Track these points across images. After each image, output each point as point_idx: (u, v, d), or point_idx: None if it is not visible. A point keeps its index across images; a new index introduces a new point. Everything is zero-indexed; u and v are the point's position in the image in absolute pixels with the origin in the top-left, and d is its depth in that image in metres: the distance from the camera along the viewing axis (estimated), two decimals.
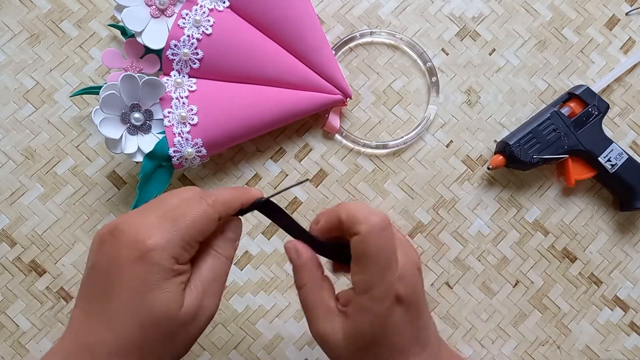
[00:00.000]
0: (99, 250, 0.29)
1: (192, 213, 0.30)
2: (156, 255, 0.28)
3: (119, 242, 0.28)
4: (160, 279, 0.28)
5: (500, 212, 0.51)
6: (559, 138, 0.48)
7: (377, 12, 0.52)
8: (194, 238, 0.30)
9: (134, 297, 0.28)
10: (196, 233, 0.30)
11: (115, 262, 0.28)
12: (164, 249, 0.28)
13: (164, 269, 0.28)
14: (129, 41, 0.47)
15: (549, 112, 0.49)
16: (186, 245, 0.29)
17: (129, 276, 0.28)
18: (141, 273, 0.28)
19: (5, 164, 0.49)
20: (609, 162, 0.49)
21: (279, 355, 0.49)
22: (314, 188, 0.50)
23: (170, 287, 0.28)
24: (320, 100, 0.48)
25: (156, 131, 0.46)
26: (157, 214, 0.30)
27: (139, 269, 0.28)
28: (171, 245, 0.28)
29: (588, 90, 0.49)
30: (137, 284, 0.28)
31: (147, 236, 0.28)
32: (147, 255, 0.28)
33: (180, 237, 0.29)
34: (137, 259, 0.28)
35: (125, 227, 0.29)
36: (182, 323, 0.29)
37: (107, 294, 0.28)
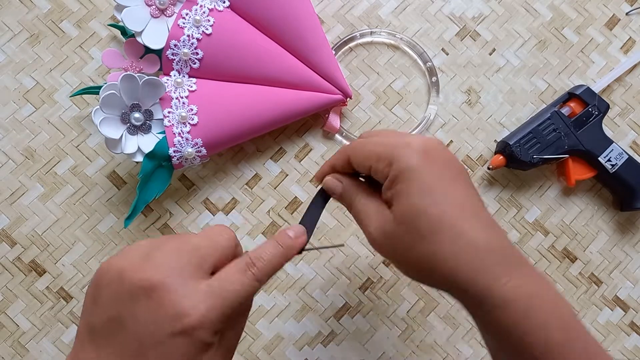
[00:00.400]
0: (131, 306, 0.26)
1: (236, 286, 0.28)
2: (201, 333, 0.26)
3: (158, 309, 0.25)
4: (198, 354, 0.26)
5: (500, 212, 0.51)
6: (559, 138, 0.48)
7: (377, 12, 0.52)
8: (238, 312, 0.28)
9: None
10: (239, 307, 0.28)
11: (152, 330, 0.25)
12: (209, 326, 0.26)
13: (206, 344, 0.26)
14: (129, 41, 0.47)
15: (549, 112, 0.49)
16: (228, 320, 0.27)
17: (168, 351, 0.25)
18: (181, 349, 0.25)
19: (5, 164, 0.49)
20: (609, 162, 0.49)
21: (279, 355, 0.49)
22: (314, 188, 0.50)
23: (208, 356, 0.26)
24: (320, 100, 0.48)
25: (156, 131, 0.46)
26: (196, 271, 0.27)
27: (180, 344, 0.25)
28: (217, 321, 0.26)
29: (588, 90, 0.49)
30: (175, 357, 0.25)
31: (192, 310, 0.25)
32: (190, 331, 0.25)
33: (225, 313, 0.27)
34: (179, 334, 0.25)
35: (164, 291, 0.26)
36: None
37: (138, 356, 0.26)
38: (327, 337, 0.49)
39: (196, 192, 0.50)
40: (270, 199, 0.50)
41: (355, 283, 0.50)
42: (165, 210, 0.50)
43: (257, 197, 0.50)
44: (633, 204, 0.49)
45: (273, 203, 0.50)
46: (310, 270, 0.50)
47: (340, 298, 0.50)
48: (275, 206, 0.50)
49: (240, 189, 0.50)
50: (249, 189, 0.50)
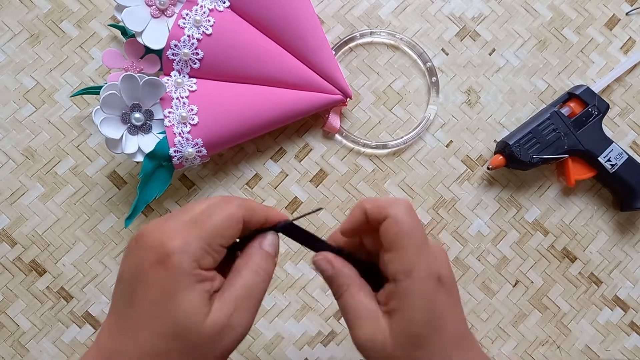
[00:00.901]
0: (125, 259, 0.28)
1: (216, 213, 0.28)
2: (176, 258, 0.26)
3: (142, 247, 0.27)
4: (182, 284, 0.26)
5: (500, 212, 0.51)
6: (558, 138, 0.48)
7: (377, 12, 0.52)
8: (217, 241, 0.28)
9: (155, 304, 0.27)
10: (219, 236, 0.28)
11: (138, 268, 0.27)
12: (183, 250, 0.26)
13: (185, 273, 0.26)
14: (129, 41, 0.47)
15: (548, 112, 0.49)
16: (208, 247, 0.27)
17: (150, 282, 0.27)
18: (162, 279, 0.26)
19: (6, 164, 0.49)
20: (609, 162, 0.49)
21: (279, 355, 0.49)
22: (314, 188, 0.50)
23: (193, 295, 0.26)
24: (320, 100, 0.48)
25: (156, 131, 0.46)
26: (182, 219, 0.28)
27: (160, 274, 0.26)
28: (192, 247, 0.27)
29: (588, 90, 0.49)
30: (158, 291, 0.26)
31: (168, 239, 0.27)
32: (167, 259, 0.26)
33: (201, 238, 0.27)
34: (158, 263, 0.26)
35: (148, 232, 0.28)
36: (207, 336, 0.27)
37: (130, 303, 0.27)
38: (327, 337, 0.49)
39: (197, 192, 0.50)
40: (270, 199, 0.50)
41: None
42: (165, 210, 0.50)
43: (257, 197, 0.50)
44: (633, 204, 0.49)
45: (273, 203, 0.50)
46: (310, 270, 0.50)
47: None
48: (275, 206, 0.50)
49: (241, 189, 0.50)
50: (249, 189, 0.50)
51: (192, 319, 0.26)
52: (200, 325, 0.26)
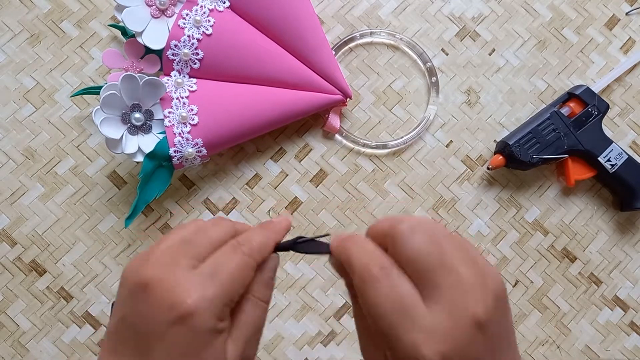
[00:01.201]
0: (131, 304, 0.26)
1: (230, 265, 0.27)
2: (199, 318, 0.25)
3: (153, 302, 0.25)
4: (205, 341, 0.25)
5: (500, 212, 0.51)
6: (558, 138, 0.48)
7: (377, 12, 0.52)
8: (237, 292, 0.27)
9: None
10: (238, 287, 0.27)
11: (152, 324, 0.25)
12: (207, 310, 0.25)
13: (208, 331, 0.25)
14: (129, 41, 0.47)
15: (548, 112, 0.49)
16: (229, 302, 0.26)
17: (170, 340, 0.25)
18: (184, 338, 0.25)
19: (6, 164, 0.49)
20: (608, 162, 0.49)
21: (279, 355, 0.49)
22: (314, 188, 0.50)
23: (215, 349, 0.26)
24: (320, 100, 0.48)
25: (156, 131, 0.46)
26: (189, 262, 0.26)
27: (181, 333, 0.25)
28: (214, 305, 0.25)
29: (588, 90, 0.49)
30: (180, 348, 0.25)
31: (186, 296, 0.25)
32: (188, 318, 0.25)
33: (222, 294, 0.26)
34: (178, 323, 0.25)
35: (157, 284, 0.25)
36: None
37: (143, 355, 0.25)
38: (327, 337, 0.49)
39: (196, 192, 0.50)
40: (270, 198, 0.50)
41: None
42: (165, 210, 0.50)
43: (258, 197, 0.50)
44: (633, 203, 0.49)
45: (273, 203, 0.50)
46: (310, 270, 0.50)
47: (340, 298, 0.50)
48: (275, 206, 0.50)
49: (241, 188, 0.50)
50: (249, 189, 0.50)
51: None
52: None
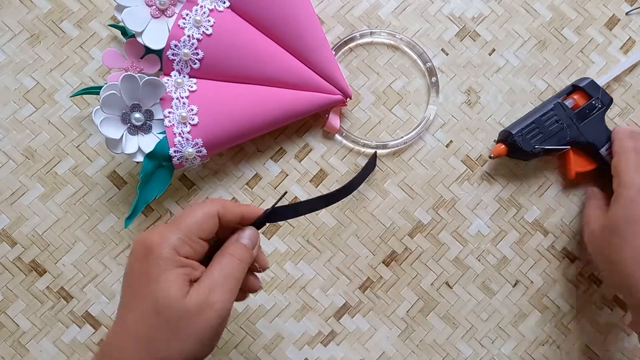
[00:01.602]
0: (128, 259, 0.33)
1: (190, 213, 0.33)
2: (156, 248, 0.31)
3: (132, 249, 0.32)
4: (162, 269, 0.30)
5: (500, 212, 0.51)
6: (561, 129, 0.48)
7: (377, 12, 0.52)
8: (194, 232, 0.32)
9: (140, 289, 0.31)
10: (195, 227, 0.32)
11: (129, 265, 0.32)
12: (163, 241, 0.31)
13: (164, 259, 0.31)
14: (129, 41, 0.47)
15: (552, 104, 0.49)
16: (185, 238, 0.32)
17: (137, 272, 0.31)
18: (146, 267, 0.31)
19: (6, 164, 0.49)
20: (609, 156, 0.49)
21: (279, 355, 0.49)
22: (314, 188, 0.50)
23: (172, 276, 0.30)
24: (320, 100, 0.48)
25: (156, 131, 0.46)
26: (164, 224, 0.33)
27: (145, 264, 0.31)
28: (170, 239, 0.31)
29: (592, 83, 0.49)
30: (143, 277, 0.31)
31: (150, 236, 0.32)
32: (150, 251, 0.31)
33: (178, 230, 0.32)
34: (143, 256, 0.31)
35: (137, 237, 0.32)
36: (186, 313, 0.30)
37: (122, 296, 0.32)
38: (327, 337, 0.49)
39: (197, 192, 0.50)
40: (270, 199, 0.50)
41: (355, 283, 0.50)
42: (165, 210, 0.50)
43: (258, 197, 0.50)
44: None
45: (273, 203, 0.50)
46: (310, 270, 0.50)
47: (340, 298, 0.50)
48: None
49: (241, 189, 0.50)
50: (249, 189, 0.50)
51: (172, 296, 0.30)
52: (179, 302, 0.30)
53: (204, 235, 0.33)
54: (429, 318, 0.50)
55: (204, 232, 0.33)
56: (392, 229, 0.51)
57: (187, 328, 0.30)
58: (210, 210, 0.33)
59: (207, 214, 0.33)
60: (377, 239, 0.50)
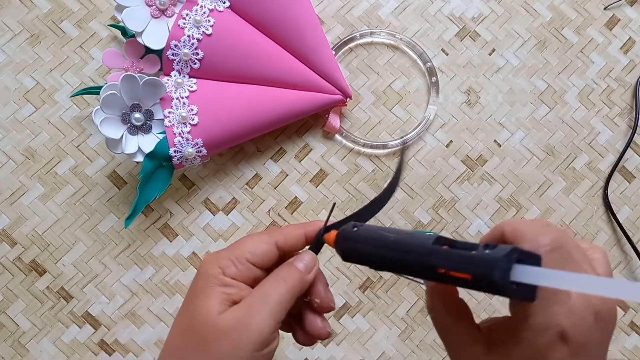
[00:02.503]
0: None
1: (245, 238, 0.32)
2: (205, 266, 0.31)
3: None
4: (204, 285, 0.30)
5: (500, 212, 0.51)
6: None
7: (377, 12, 0.52)
8: (243, 255, 0.31)
9: (184, 305, 0.31)
10: (246, 251, 0.31)
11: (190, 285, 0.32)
12: (212, 260, 0.31)
13: (209, 276, 0.30)
14: (129, 41, 0.47)
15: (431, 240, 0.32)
16: (234, 260, 0.31)
17: (190, 289, 0.31)
18: (195, 282, 0.31)
19: (6, 164, 0.49)
20: None
21: (279, 355, 0.49)
22: (314, 188, 0.50)
23: (212, 294, 0.29)
24: (320, 100, 0.48)
25: (156, 131, 0.46)
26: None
27: (195, 280, 0.31)
28: (219, 258, 0.31)
29: None
30: (191, 292, 0.31)
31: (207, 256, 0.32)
32: (201, 268, 0.31)
33: (229, 253, 0.31)
34: (197, 274, 0.31)
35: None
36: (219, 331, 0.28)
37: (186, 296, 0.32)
38: None
39: (197, 192, 0.50)
40: (270, 198, 0.50)
41: (355, 283, 0.50)
42: (165, 210, 0.50)
43: (258, 197, 0.50)
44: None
45: (273, 203, 0.50)
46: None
47: (340, 298, 0.50)
48: (275, 206, 0.50)
49: (241, 188, 0.50)
50: (249, 189, 0.50)
51: (206, 313, 0.28)
52: (212, 319, 0.28)
53: (255, 260, 0.31)
54: (429, 318, 0.50)
55: (256, 257, 0.31)
56: None
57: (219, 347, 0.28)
58: (267, 238, 0.32)
59: (261, 240, 0.32)
60: None
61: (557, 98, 0.52)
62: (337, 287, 0.50)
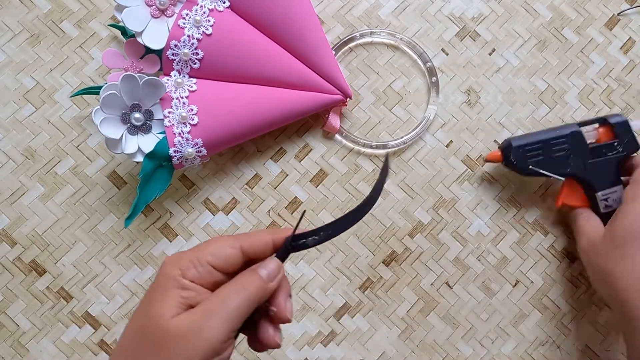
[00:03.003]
0: None
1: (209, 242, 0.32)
2: (166, 266, 0.30)
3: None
4: (161, 286, 0.30)
5: (500, 212, 0.51)
6: (567, 158, 0.46)
7: (377, 12, 0.52)
8: (205, 258, 0.30)
9: (142, 303, 0.30)
10: (208, 253, 0.30)
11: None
12: (174, 260, 0.30)
13: (168, 276, 0.30)
14: (129, 41, 0.47)
15: (570, 129, 0.46)
16: (195, 261, 0.30)
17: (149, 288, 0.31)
18: (154, 282, 0.31)
19: (6, 164, 0.49)
20: (604, 202, 0.46)
21: (279, 355, 0.49)
22: (314, 188, 0.50)
23: (168, 296, 0.29)
24: (320, 100, 0.48)
25: (156, 131, 0.46)
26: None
27: (155, 280, 0.31)
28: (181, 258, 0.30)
29: (624, 124, 0.46)
30: (148, 292, 0.30)
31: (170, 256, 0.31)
32: (162, 268, 0.31)
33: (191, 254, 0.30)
34: (157, 274, 0.31)
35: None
36: (171, 335, 0.27)
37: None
38: (327, 337, 0.49)
39: (196, 192, 0.50)
40: (270, 199, 0.50)
41: (355, 283, 0.50)
42: (165, 210, 0.50)
43: (258, 197, 0.50)
44: None
45: (273, 203, 0.50)
46: (310, 270, 0.50)
47: (340, 298, 0.50)
48: (275, 206, 0.50)
49: (241, 189, 0.50)
50: (249, 189, 0.50)
51: (160, 315, 0.28)
52: (165, 323, 0.28)
53: (217, 263, 0.30)
54: (429, 318, 0.50)
55: (219, 260, 0.30)
56: (392, 229, 0.51)
57: (169, 352, 0.27)
58: (231, 242, 0.31)
59: (226, 243, 0.31)
60: (377, 239, 0.50)
61: (557, 98, 0.52)
62: (337, 287, 0.50)
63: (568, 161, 0.46)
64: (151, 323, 0.28)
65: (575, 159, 0.46)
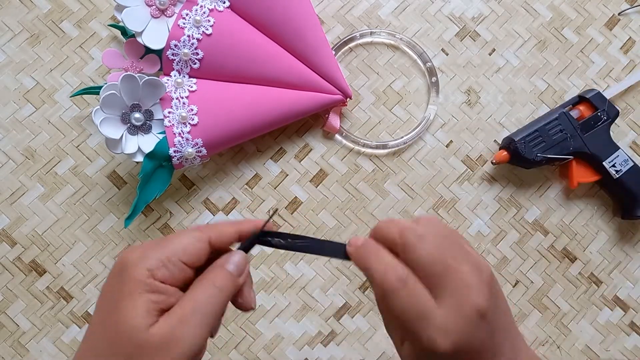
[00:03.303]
0: None
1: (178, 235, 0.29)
2: (131, 267, 0.27)
3: (113, 265, 0.29)
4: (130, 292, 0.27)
5: (500, 212, 0.51)
6: (565, 139, 0.48)
7: (377, 12, 0.52)
8: (177, 255, 0.28)
9: (107, 313, 0.28)
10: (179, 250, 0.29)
11: (105, 283, 0.29)
12: (140, 260, 0.28)
13: (135, 281, 0.27)
14: (129, 41, 0.47)
15: (557, 113, 0.49)
16: (165, 260, 0.28)
17: (109, 289, 0.28)
18: (118, 287, 0.28)
19: (6, 164, 0.49)
20: (613, 168, 0.49)
21: (279, 355, 0.49)
22: (314, 188, 0.50)
23: (139, 302, 0.27)
24: (320, 100, 0.48)
25: (156, 131, 0.46)
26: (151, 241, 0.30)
27: (117, 280, 0.28)
28: (148, 259, 0.28)
29: (599, 95, 0.49)
30: (112, 299, 0.28)
31: (130, 253, 0.28)
32: (124, 268, 0.28)
33: (159, 251, 0.28)
34: (118, 274, 0.28)
35: (121, 254, 0.29)
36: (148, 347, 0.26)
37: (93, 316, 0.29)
38: (327, 337, 0.49)
39: (196, 192, 0.50)
40: (270, 198, 0.50)
41: (355, 283, 0.50)
42: (165, 210, 0.50)
43: (257, 197, 0.50)
44: (634, 212, 0.49)
45: (273, 203, 0.50)
46: (310, 270, 0.50)
47: (340, 298, 0.50)
48: (275, 206, 0.50)
49: (241, 189, 0.50)
50: (249, 189, 0.50)
51: (134, 325, 0.26)
52: (142, 334, 0.26)
53: (188, 259, 0.29)
54: None
55: (189, 256, 0.29)
56: None
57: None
58: (199, 235, 0.30)
59: (195, 238, 0.29)
60: None
61: (557, 98, 0.52)
62: (337, 287, 0.50)
63: (568, 141, 0.49)
64: (124, 336, 0.26)
65: (573, 138, 0.49)
